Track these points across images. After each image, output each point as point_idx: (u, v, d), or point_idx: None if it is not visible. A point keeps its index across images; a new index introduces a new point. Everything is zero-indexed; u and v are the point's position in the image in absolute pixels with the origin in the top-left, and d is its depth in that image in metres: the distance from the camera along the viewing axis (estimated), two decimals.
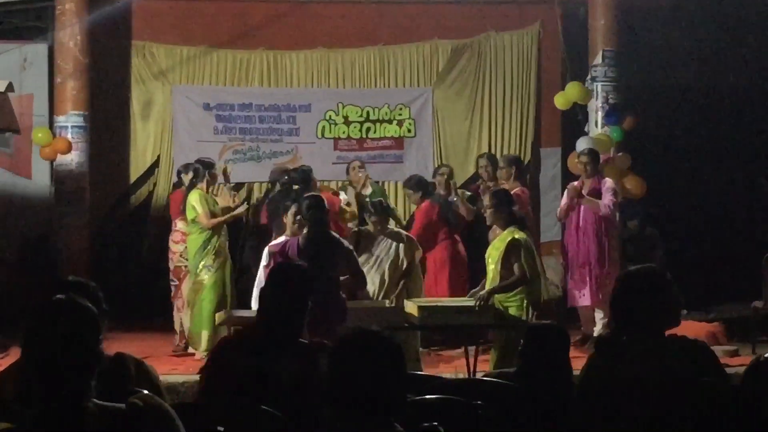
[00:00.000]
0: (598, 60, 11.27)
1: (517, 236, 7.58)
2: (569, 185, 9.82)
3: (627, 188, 10.58)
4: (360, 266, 7.69)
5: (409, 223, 10.34)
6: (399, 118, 12.19)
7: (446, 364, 9.06)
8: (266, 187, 11.42)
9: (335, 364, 2.97)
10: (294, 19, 12.10)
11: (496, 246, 7.70)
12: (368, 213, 8.89)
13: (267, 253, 7.62)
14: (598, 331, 9.30)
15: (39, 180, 11.82)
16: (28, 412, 2.76)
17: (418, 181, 10.15)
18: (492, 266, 7.67)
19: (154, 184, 12.05)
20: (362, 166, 10.82)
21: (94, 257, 11.37)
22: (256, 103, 12.10)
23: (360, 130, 12.16)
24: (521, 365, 4.74)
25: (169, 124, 12.00)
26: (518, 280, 7.55)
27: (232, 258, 9.75)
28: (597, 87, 11.24)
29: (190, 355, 9.45)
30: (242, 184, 11.71)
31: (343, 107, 12.16)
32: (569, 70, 11.85)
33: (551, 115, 12.14)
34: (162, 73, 12.02)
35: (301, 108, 12.11)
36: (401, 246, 8.77)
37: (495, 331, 7.91)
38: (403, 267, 8.78)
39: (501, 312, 7.60)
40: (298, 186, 9.38)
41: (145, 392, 3.09)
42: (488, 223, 8.07)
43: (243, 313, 7.80)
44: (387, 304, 8.31)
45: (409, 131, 12.20)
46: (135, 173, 12.03)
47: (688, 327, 8.83)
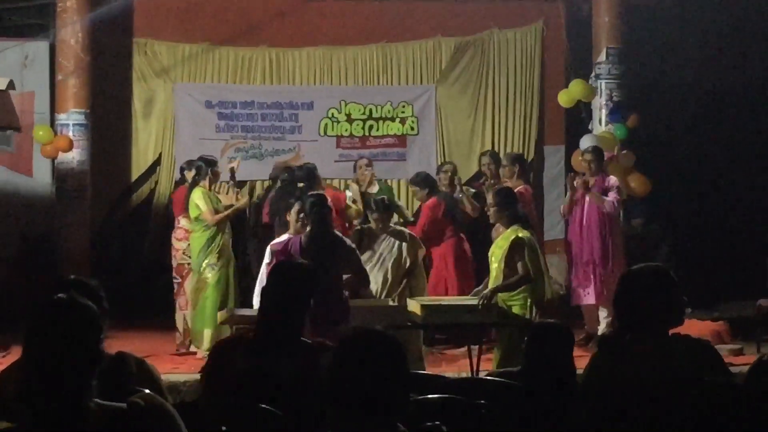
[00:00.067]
0: (602, 57, 11.25)
1: (520, 235, 7.54)
2: (576, 180, 9.73)
3: (631, 186, 10.55)
4: (363, 265, 7.66)
5: (415, 219, 10.29)
6: (402, 116, 12.16)
7: (449, 363, 9.03)
8: (267, 184, 11.38)
9: (337, 364, 2.94)
10: (296, 17, 12.09)
11: (500, 244, 7.66)
12: (370, 210, 8.86)
13: (269, 251, 7.59)
14: (602, 330, 9.25)
15: (40, 178, 11.81)
16: (29, 411, 2.75)
17: (425, 177, 10.11)
18: (495, 265, 7.64)
19: (156, 182, 12.05)
20: (369, 164, 10.72)
21: (96, 256, 11.35)
22: (258, 100, 12.09)
23: (363, 128, 12.14)
24: (524, 364, 4.71)
25: (171, 121, 11.98)
26: (522, 278, 7.51)
27: (234, 256, 9.70)
28: (601, 84, 11.22)
29: (192, 353, 9.42)
30: (244, 182, 11.68)
31: (346, 105, 12.13)
32: (573, 68, 11.83)
33: (555, 113, 12.12)
34: (164, 71, 12.00)
35: (303, 105, 12.09)
36: (404, 244, 8.73)
37: (498, 330, 7.87)
38: (406, 265, 8.75)
39: (504, 311, 7.56)
40: (302, 183, 9.34)
41: (146, 392, 3.07)
42: (492, 221, 8.04)
43: (245, 312, 7.75)
44: (390, 302, 8.28)
45: (412, 129, 12.17)
46: (136, 171, 12.03)
47: (692, 326, 8.85)
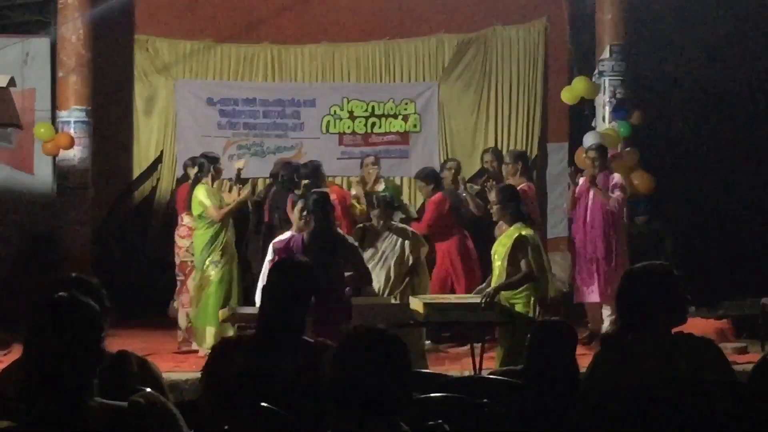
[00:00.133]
0: (606, 54, 11.22)
1: (523, 233, 7.50)
2: (579, 177, 9.69)
3: (634, 184, 10.51)
4: (365, 263, 7.63)
5: (420, 215, 10.24)
6: (404, 113, 12.13)
7: (452, 361, 9.00)
8: (268, 182, 11.33)
9: (339, 363, 2.94)
10: (298, 13, 12.07)
11: (503, 242, 7.62)
12: (372, 207, 8.83)
13: (271, 248, 7.59)
14: (605, 328, 9.22)
15: (41, 176, 11.76)
16: (30, 410, 2.75)
17: (431, 172, 10.07)
18: (498, 263, 7.60)
19: (158, 179, 12.04)
20: (375, 163, 10.60)
21: (97, 253, 11.34)
22: (260, 97, 12.07)
23: (365, 125, 12.11)
24: (527, 363, 4.69)
25: (173, 119, 11.97)
26: (525, 276, 7.46)
27: (237, 254, 9.66)
28: (604, 81, 11.19)
29: (194, 352, 9.38)
30: (246, 179, 11.63)
31: (348, 102, 12.10)
32: (576, 65, 11.81)
33: (558, 110, 12.08)
34: (165, 68, 11.98)
35: (305, 103, 12.07)
36: (407, 242, 8.69)
37: (501, 328, 7.82)
38: (409, 263, 8.71)
39: (507, 309, 7.52)
40: (307, 180, 9.30)
41: (147, 390, 3.08)
42: (495, 219, 8.00)
43: (247, 310, 7.72)
44: (392, 300, 8.25)
45: (415, 126, 12.15)
46: (138, 169, 12.02)
47: (696, 324, 8.80)
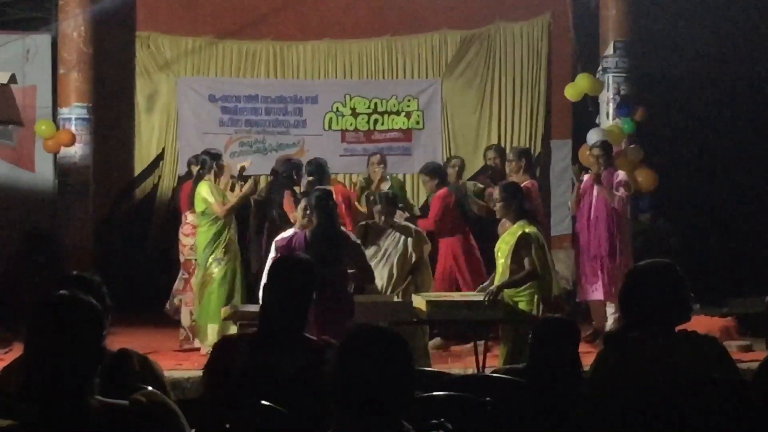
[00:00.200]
0: (610, 51, 11.19)
1: (527, 230, 7.47)
2: (574, 169, 9.65)
3: (638, 181, 10.46)
4: (368, 261, 7.60)
5: (424, 210, 10.19)
6: (407, 110, 12.10)
7: (455, 359, 8.97)
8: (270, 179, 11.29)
9: (341, 361, 2.89)
10: (301, 10, 12.05)
11: (506, 240, 7.58)
12: (374, 203, 8.78)
13: (274, 246, 7.56)
14: (609, 326, 9.17)
15: (42, 173, 11.73)
16: (31, 409, 2.73)
17: (435, 167, 10.03)
18: (502, 260, 7.56)
19: (159, 176, 12.03)
20: (381, 161, 10.43)
21: (98, 251, 11.32)
22: (262, 94, 12.04)
23: (368, 122, 12.07)
24: (530, 360, 4.69)
25: (174, 116, 11.95)
26: (528, 274, 7.43)
27: (241, 252, 9.61)
28: (608, 78, 11.16)
29: (196, 350, 9.35)
30: (248, 176, 11.57)
31: (351, 99, 12.06)
32: (580, 61, 11.77)
33: (562, 107, 12.04)
34: (167, 64, 11.96)
35: (307, 99, 12.03)
36: (409, 240, 8.64)
37: (505, 326, 7.78)
38: (412, 261, 8.66)
39: (511, 307, 7.48)
40: (311, 177, 9.26)
41: (149, 389, 3.06)
42: (498, 216, 7.97)
43: (249, 308, 7.69)
44: (395, 298, 8.21)
45: (418, 123, 12.11)
46: (139, 166, 12.01)
47: (701, 321, 8.77)
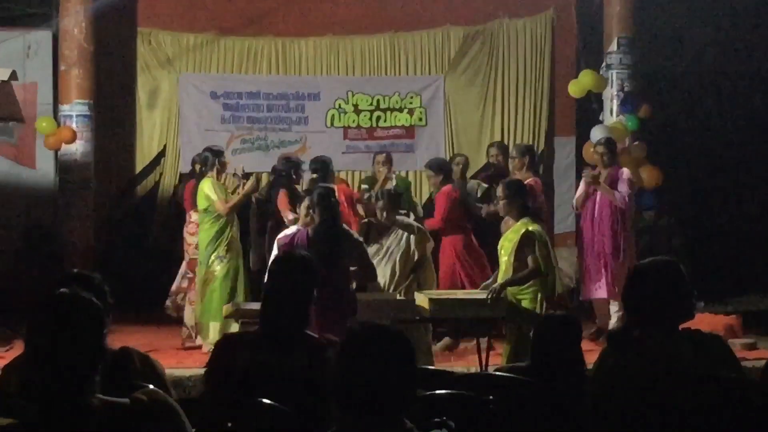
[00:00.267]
0: (613, 47, 11.18)
1: (530, 228, 7.44)
2: (585, 172, 9.60)
3: (642, 178, 10.42)
4: (370, 258, 7.57)
5: (427, 208, 10.14)
6: (410, 107, 12.05)
7: (458, 358, 8.95)
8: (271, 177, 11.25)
9: (343, 359, 2.88)
10: (303, 6, 12.02)
11: (509, 238, 7.55)
12: (376, 200, 8.75)
13: (276, 244, 7.51)
14: (613, 325, 9.14)
15: (43, 170, 11.70)
16: (32, 407, 2.73)
17: (440, 163, 10.01)
18: (505, 258, 7.54)
19: (161, 174, 12.00)
20: (387, 161, 10.36)
21: (100, 248, 11.33)
22: (264, 91, 12.01)
23: (370, 119, 12.03)
24: (532, 357, 4.67)
25: (176, 112, 11.92)
26: (532, 272, 7.41)
27: (244, 250, 9.58)
28: (612, 75, 11.16)
29: (197, 348, 9.32)
30: (250, 173, 11.54)
31: (353, 95, 12.02)
32: (584, 58, 11.76)
33: (565, 104, 12.01)
34: (168, 61, 11.93)
35: (310, 96, 11.99)
36: (412, 237, 8.61)
37: (508, 324, 7.74)
38: (414, 258, 8.63)
39: (514, 305, 7.45)
40: (315, 174, 9.23)
41: (150, 387, 3.06)
42: (501, 214, 7.95)
43: (251, 306, 7.65)
44: (397, 296, 8.18)
45: (420, 120, 12.06)
46: (141, 163, 11.99)
47: (705, 319, 8.75)
